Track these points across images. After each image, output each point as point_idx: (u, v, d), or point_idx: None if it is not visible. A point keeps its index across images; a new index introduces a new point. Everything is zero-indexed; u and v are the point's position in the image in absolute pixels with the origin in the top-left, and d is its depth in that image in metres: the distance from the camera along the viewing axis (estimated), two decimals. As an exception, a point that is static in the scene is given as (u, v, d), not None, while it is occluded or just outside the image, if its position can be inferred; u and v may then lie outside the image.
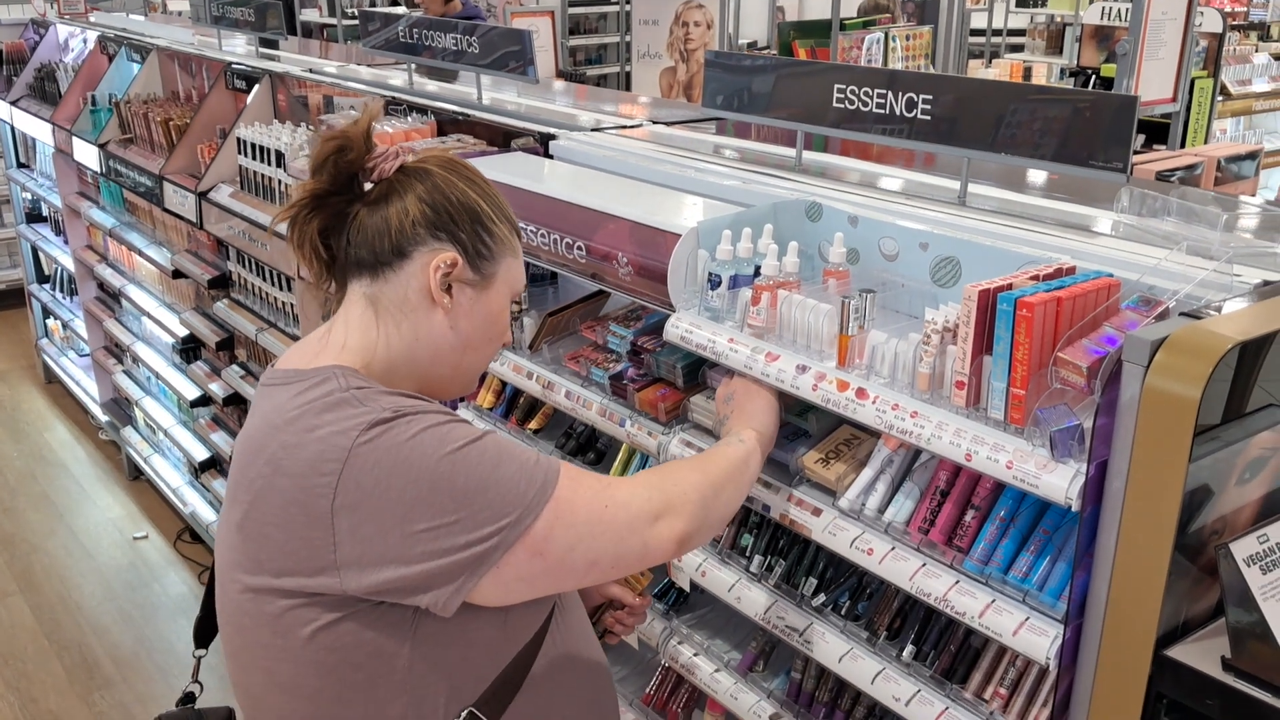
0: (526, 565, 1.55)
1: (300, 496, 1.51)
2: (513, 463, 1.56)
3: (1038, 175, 2.73)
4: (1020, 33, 10.86)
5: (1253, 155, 4.65)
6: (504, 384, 3.05)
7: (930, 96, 2.34)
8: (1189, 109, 5.58)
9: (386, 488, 1.49)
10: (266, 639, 1.58)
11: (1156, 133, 5.69)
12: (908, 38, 6.41)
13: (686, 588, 2.50)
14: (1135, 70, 4.66)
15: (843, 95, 2.50)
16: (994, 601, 1.85)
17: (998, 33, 10.91)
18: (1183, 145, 5.50)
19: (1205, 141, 5.93)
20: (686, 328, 2.29)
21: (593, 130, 3.23)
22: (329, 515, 1.49)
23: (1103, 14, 6.55)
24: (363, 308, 1.69)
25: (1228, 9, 8.46)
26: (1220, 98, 6.31)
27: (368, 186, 1.68)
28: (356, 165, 1.65)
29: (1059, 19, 9.15)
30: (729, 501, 1.89)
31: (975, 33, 9.89)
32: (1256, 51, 7.63)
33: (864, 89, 2.46)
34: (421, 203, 1.65)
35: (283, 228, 1.70)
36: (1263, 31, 8.37)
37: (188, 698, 2.13)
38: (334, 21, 11.24)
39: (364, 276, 1.68)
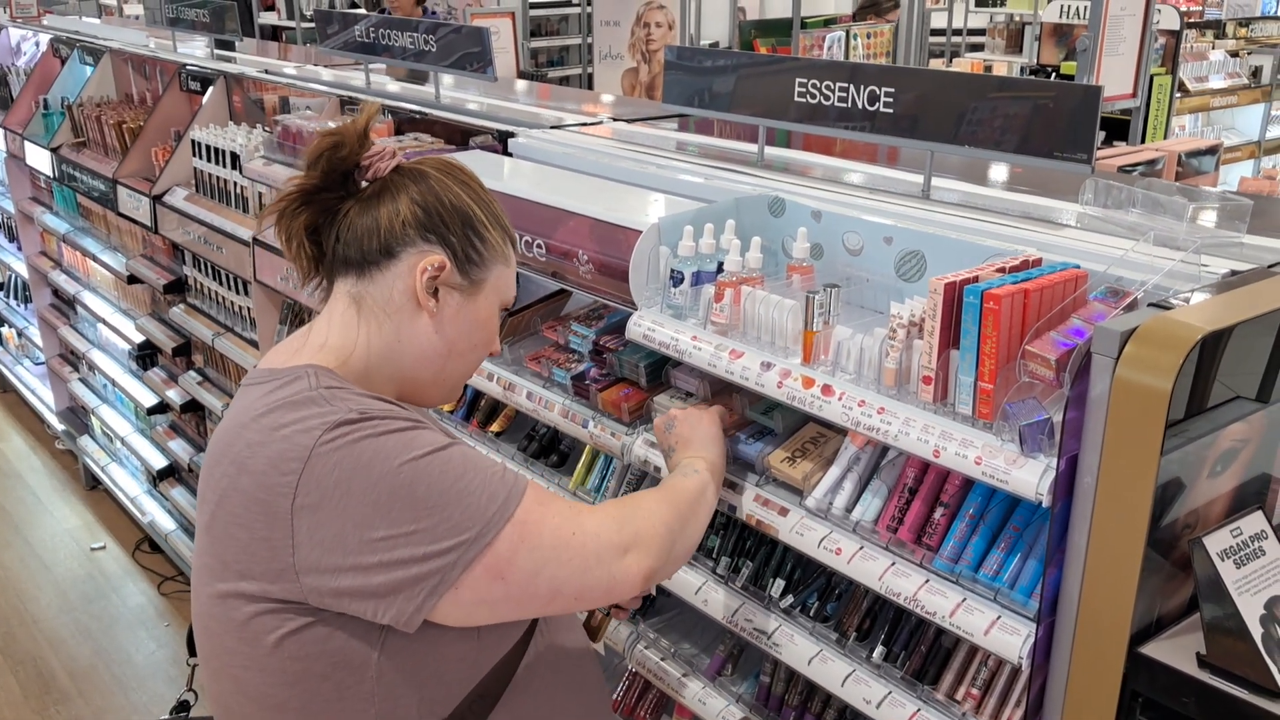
0: (487, 588, 1.50)
1: (262, 495, 1.48)
2: (477, 476, 1.51)
3: (1002, 169, 2.71)
4: (980, 32, 10.89)
5: (1213, 150, 4.67)
6: (464, 386, 2.99)
7: (892, 90, 2.31)
8: (1148, 105, 5.60)
9: (347, 490, 1.45)
10: (234, 645, 1.54)
11: (1117, 129, 5.71)
12: (868, 36, 6.40)
13: (653, 591, 2.46)
14: (1095, 66, 4.67)
15: (804, 90, 2.47)
16: (964, 600, 1.82)
17: (957, 32, 10.93)
18: (1143, 141, 5.51)
19: (1165, 137, 5.95)
20: (649, 326, 2.26)
21: (553, 128, 3.19)
22: (289, 515, 1.46)
23: (1062, 12, 6.56)
24: (345, 306, 1.66)
25: (1183, 8, 8.51)
26: (1178, 94, 6.34)
27: (364, 185, 1.66)
28: (350, 162, 1.63)
29: (1018, 18, 9.17)
30: (693, 535, 1.86)
31: (935, 32, 9.90)
32: (1213, 49, 7.69)
33: (825, 83, 2.43)
34: (413, 203, 1.62)
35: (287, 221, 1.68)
36: (1218, 30, 8.42)
37: (182, 706, 2.12)
38: (292, 24, 11.14)
39: (350, 275, 1.65)
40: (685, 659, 2.45)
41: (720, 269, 2.21)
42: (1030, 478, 1.66)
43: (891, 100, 2.31)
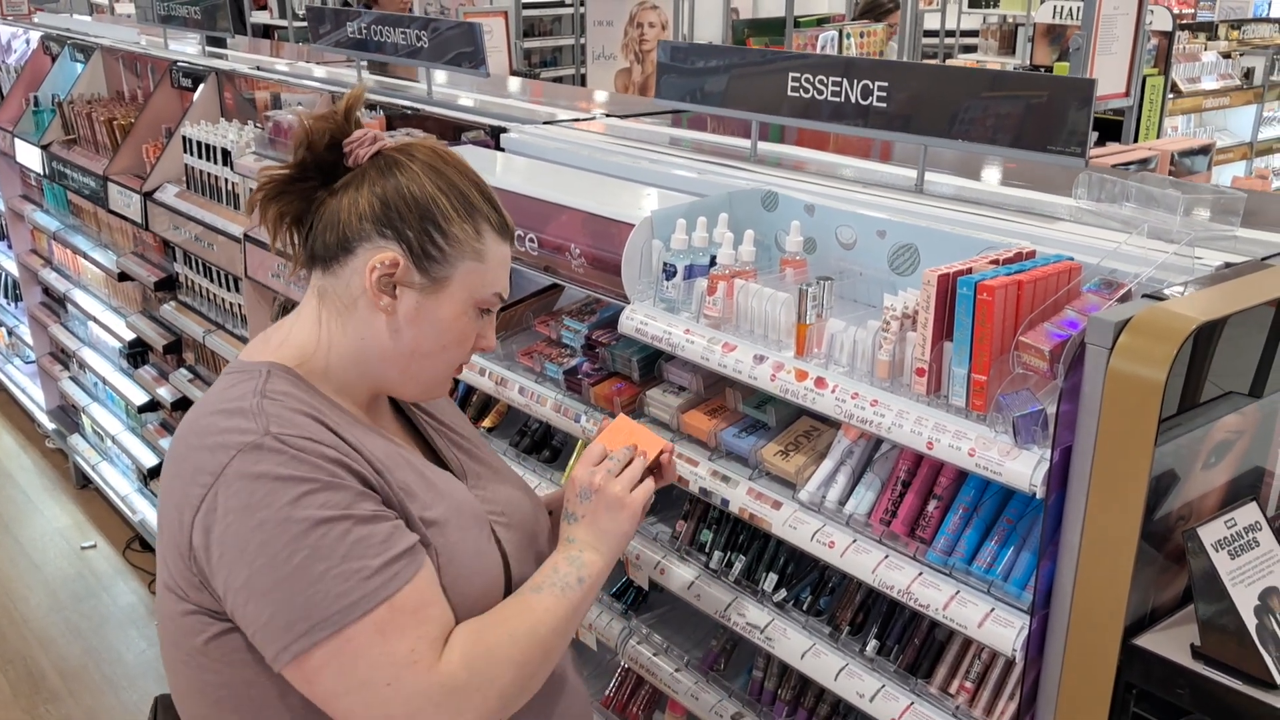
0: (298, 683, 1.44)
1: (178, 500, 1.45)
2: (340, 567, 1.39)
3: (995, 164, 2.71)
4: (973, 33, 10.90)
5: (1205, 150, 4.68)
6: (456, 381, 2.99)
7: (885, 84, 2.31)
8: (1141, 106, 5.60)
9: (232, 523, 1.40)
10: (173, 639, 1.53)
11: (1109, 131, 5.71)
12: (861, 35, 6.40)
13: (645, 586, 2.45)
14: (1089, 65, 4.67)
15: (798, 84, 2.46)
16: (958, 593, 1.82)
17: (950, 33, 10.95)
18: (1135, 142, 5.52)
19: (1157, 138, 5.96)
20: (642, 319, 2.25)
21: (545, 123, 3.18)
22: (190, 527, 1.43)
23: (1055, 13, 6.56)
24: (314, 302, 1.61)
25: (1176, 10, 8.53)
26: (1171, 95, 6.34)
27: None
28: (331, 148, 1.57)
29: (1011, 19, 9.19)
30: (549, 669, 1.62)
31: (928, 33, 9.90)
32: (1205, 50, 7.70)
33: (819, 78, 2.42)
34: (372, 195, 1.54)
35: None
36: (1210, 31, 8.44)
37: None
38: (284, 23, 11.11)
39: (318, 269, 1.60)
40: (677, 654, 2.45)
41: (713, 262, 2.20)
42: (1024, 469, 1.65)
43: (885, 95, 2.31)
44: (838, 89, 2.39)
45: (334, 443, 1.47)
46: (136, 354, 5.12)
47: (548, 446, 2.81)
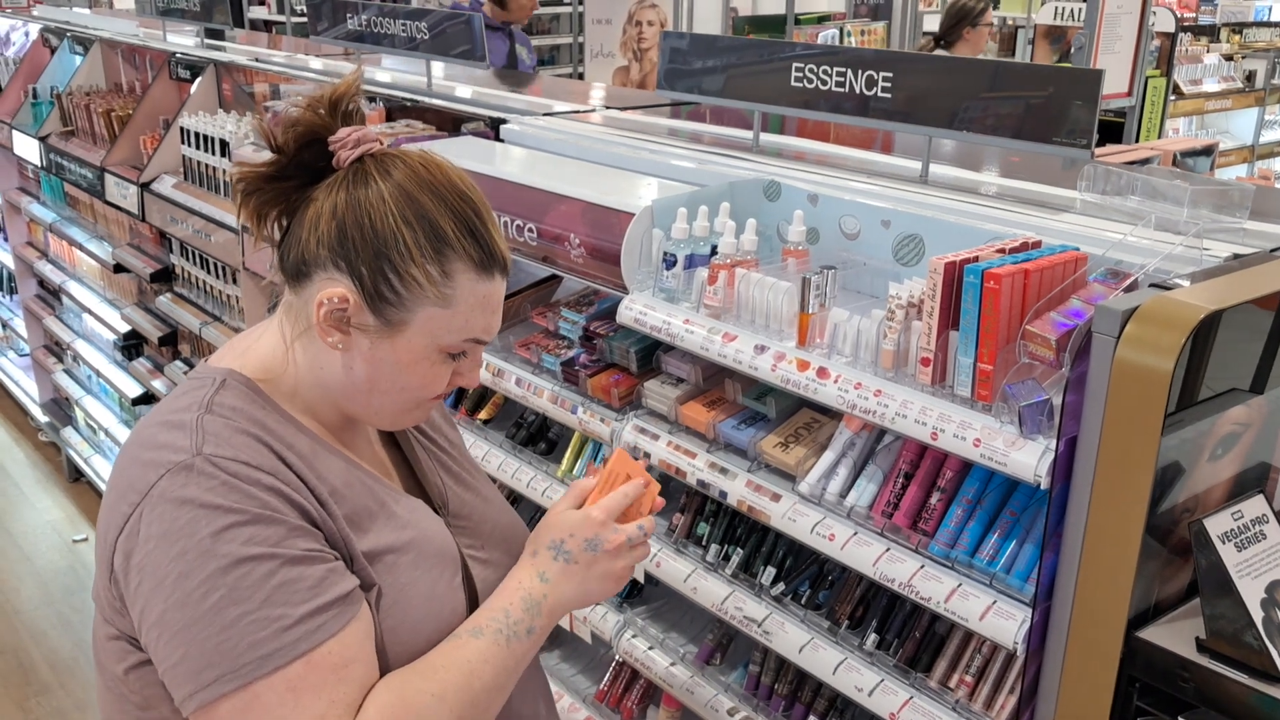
0: None
1: (109, 516, 1.34)
2: (256, 614, 1.25)
3: (999, 156, 2.69)
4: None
5: (1208, 150, 4.65)
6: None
7: (890, 75, 2.29)
8: (1143, 107, 5.59)
9: (153, 550, 1.28)
10: (98, 662, 1.42)
11: (1111, 133, 5.69)
12: (862, 33, 6.38)
13: (641, 579, 2.43)
14: (1092, 64, 4.65)
15: (801, 75, 2.44)
16: (960, 586, 1.79)
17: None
18: (1137, 143, 5.50)
19: (1159, 139, 5.94)
20: (640, 309, 2.23)
21: (545, 115, 3.16)
22: (113, 548, 1.32)
23: (1056, 14, 6.55)
24: (281, 315, 1.46)
25: (1179, 13, 8.52)
26: (1173, 97, 6.33)
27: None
28: (316, 142, 1.40)
29: (1011, 21, 9.17)
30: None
31: (928, 34, 9.89)
32: (1208, 52, 7.69)
33: (823, 68, 2.40)
34: (334, 217, 1.36)
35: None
36: (1213, 34, 8.43)
37: None
38: (283, 18, 11.09)
39: (286, 281, 1.44)
40: (673, 648, 2.42)
41: (714, 252, 2.18)
42: (1029, 460, 1.63)
43: (890, 85, 2.28)
44: (842, 79, 2.37)
45: (274, 468, 1.33)
46: (131, 346, 5.09)
47: (544, 439, 2.79)
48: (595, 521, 1.49)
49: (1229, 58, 7.76)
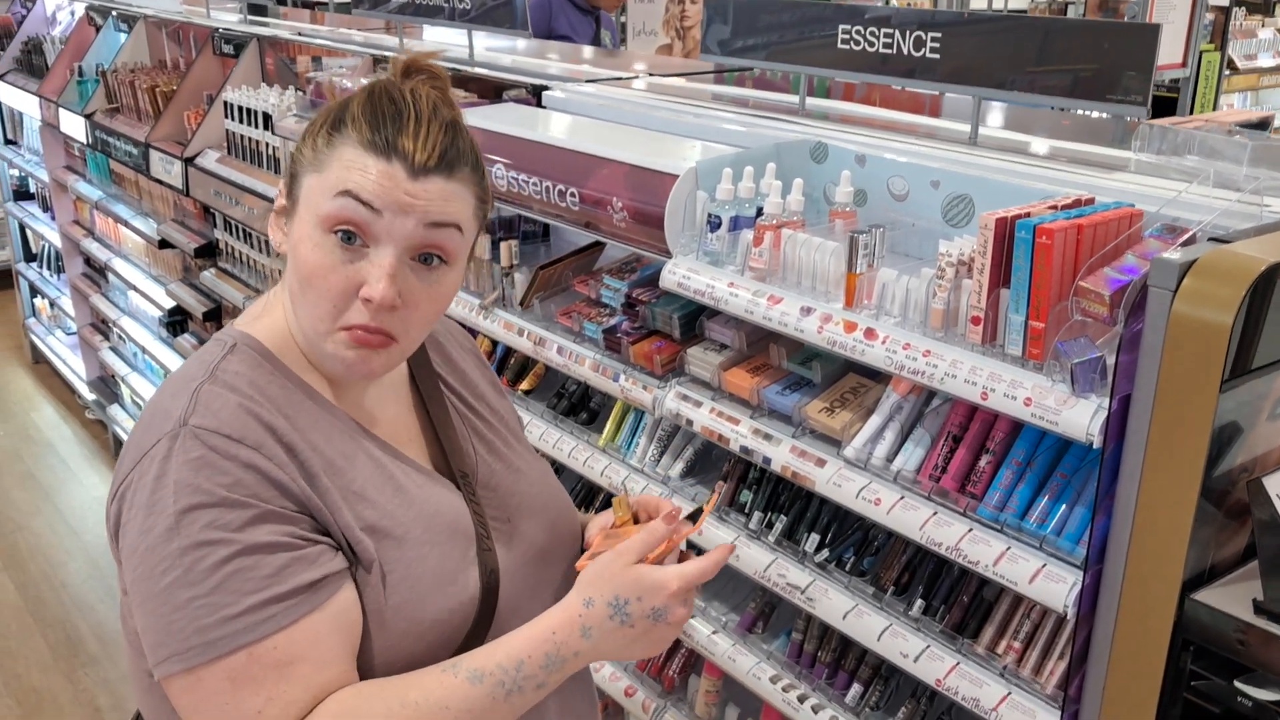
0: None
1: (116, 472, 1.32)
2: (203, 600, 1.21)
3: (1050, 121, 2.64)
4: (1021, 12, 10.77)
5: (1264, 124, 4.55)
6: (494, 343, 2.95)
7: (939, 35, 2.24)
8: (1196, 81, 5.49)
9: (133, 518, 1.26)
10: (123, 618, 1.39)
11: (1164, 107, 5.60)
12: (908, 4, 6.31)
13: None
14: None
15: (848, 36, 2.40)
16: (1009, 549, 1.76)
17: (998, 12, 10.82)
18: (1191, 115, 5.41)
19: (1213, 112, 5.84)
20: (684, 274, 2.20)
21: (587, 82, 3.13)
22: (111, 508, 1.31)
23: (1107, -12, 6.45)
24: None
25: (1231, -11, 8.37)
26: (1227, 72, 6.21)
27: None
28: None
29: (1061, -4, 9.06)
30: None
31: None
32: (1263, 27, 7.54)
33: (870, 30, 2.36)
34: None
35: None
36: (1267, 9, 8.28)
37: None
38: None
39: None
40: (715, 616, 2.40)
41: (759, 214, 2.15)
42: (1081, 419, 1.59)
43: (938, 46, 2.24)
44: (890, 41, 2.32)
45: (257, 441, 1.27)
46: (176, 322, 5.12)
47: (585, 408, 2.77)
48: (668, 592, 1.29)
49: (1284, 32, 7.61)
